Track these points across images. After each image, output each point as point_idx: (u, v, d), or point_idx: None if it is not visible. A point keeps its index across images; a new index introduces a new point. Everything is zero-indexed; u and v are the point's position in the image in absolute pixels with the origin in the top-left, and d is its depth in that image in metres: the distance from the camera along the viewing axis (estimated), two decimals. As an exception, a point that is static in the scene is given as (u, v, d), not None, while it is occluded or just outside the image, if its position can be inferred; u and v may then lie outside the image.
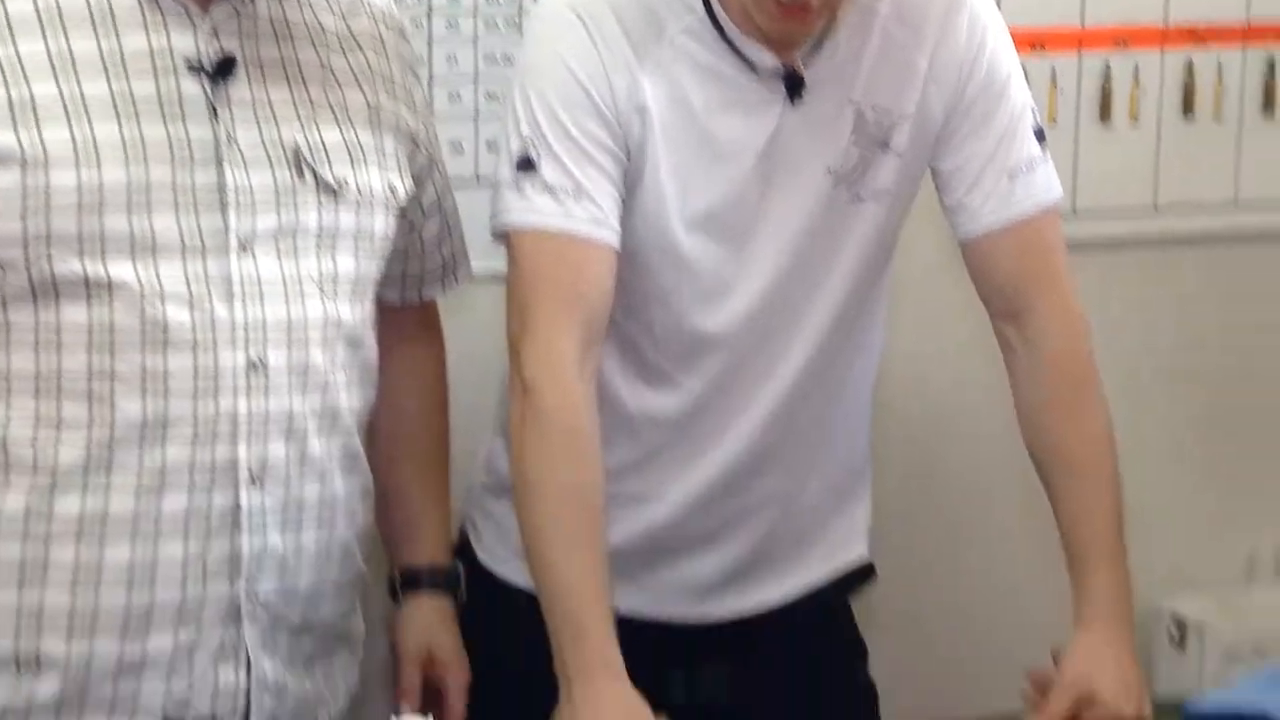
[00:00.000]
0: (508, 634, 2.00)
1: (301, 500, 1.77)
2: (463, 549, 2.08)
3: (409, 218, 1.91)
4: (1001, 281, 1.98)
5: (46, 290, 1.68)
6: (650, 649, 1.80)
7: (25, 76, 1.66)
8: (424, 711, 1.54)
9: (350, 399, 1.82)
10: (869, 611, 2.24)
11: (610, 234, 1.84)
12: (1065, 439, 1.99)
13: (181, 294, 1.70)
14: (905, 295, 2.21)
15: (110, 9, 1.70)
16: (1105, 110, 2.71)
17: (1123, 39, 2.69)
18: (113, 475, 1.70)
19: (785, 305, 1.94)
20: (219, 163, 1.72)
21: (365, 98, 1.83)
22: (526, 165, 1.83)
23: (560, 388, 1.79)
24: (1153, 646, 2.73)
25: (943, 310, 2.57)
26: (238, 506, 1.73)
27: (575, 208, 1.82)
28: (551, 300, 1.81)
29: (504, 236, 1.86)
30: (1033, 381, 1.99)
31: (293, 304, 1.75)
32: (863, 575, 2.11)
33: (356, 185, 1.80)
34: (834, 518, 2.05)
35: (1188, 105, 2.74)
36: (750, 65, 1.86)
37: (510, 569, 2.03)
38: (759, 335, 1.94)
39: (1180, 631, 2.73)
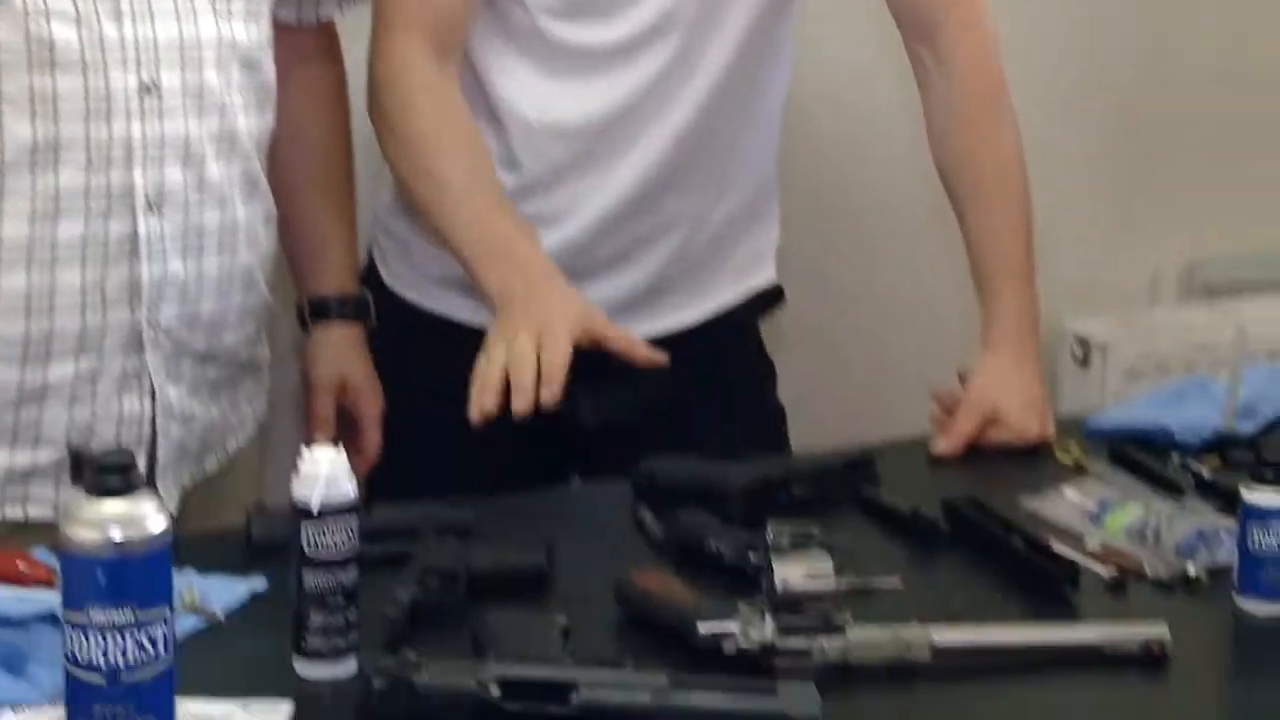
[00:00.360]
0: (417, 358, 2.01)
1: (201, 226, 1.74)
2: (369, 274, 2.07)
3: (303, -69, 1.86)
4: (914, -2, 1.97)
5: (-75, 8, 1.62)
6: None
7: None
8: (337, 441, 1.54)
9: (248, 122, 1.78)
10: (778, 334, 2.26)
11: None
12: (975, 160, 2.00)
13: (67, 11, 1.65)
14: (816, 14, 2.18)
15: None
16: None
17: None
18: (4, 201, 1.66)
19: (695, 20, 1.91)
20: None
21: None
22: None
23: (409, 71, 1.85)
24: (1057, 366, 2.77)
25: (855, 30, 2.54)
26: (135, 234, 1.70)
27: None
28: (400, 18, 1.84)
29: None
30: (944, 102, 1.99)
31: (184, 23, 1.70)
32: (772, 297, 2.12)
33: (246, -105, 1.74)
34: (743, 239, 2.05)
35: None
36: None
37: (417, 293, 2.03)
38: (668, 49, 1.91)
39: (1084, 351, 2.77)
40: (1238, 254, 2.91)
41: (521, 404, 1.71)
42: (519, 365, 1.71)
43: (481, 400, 1.72)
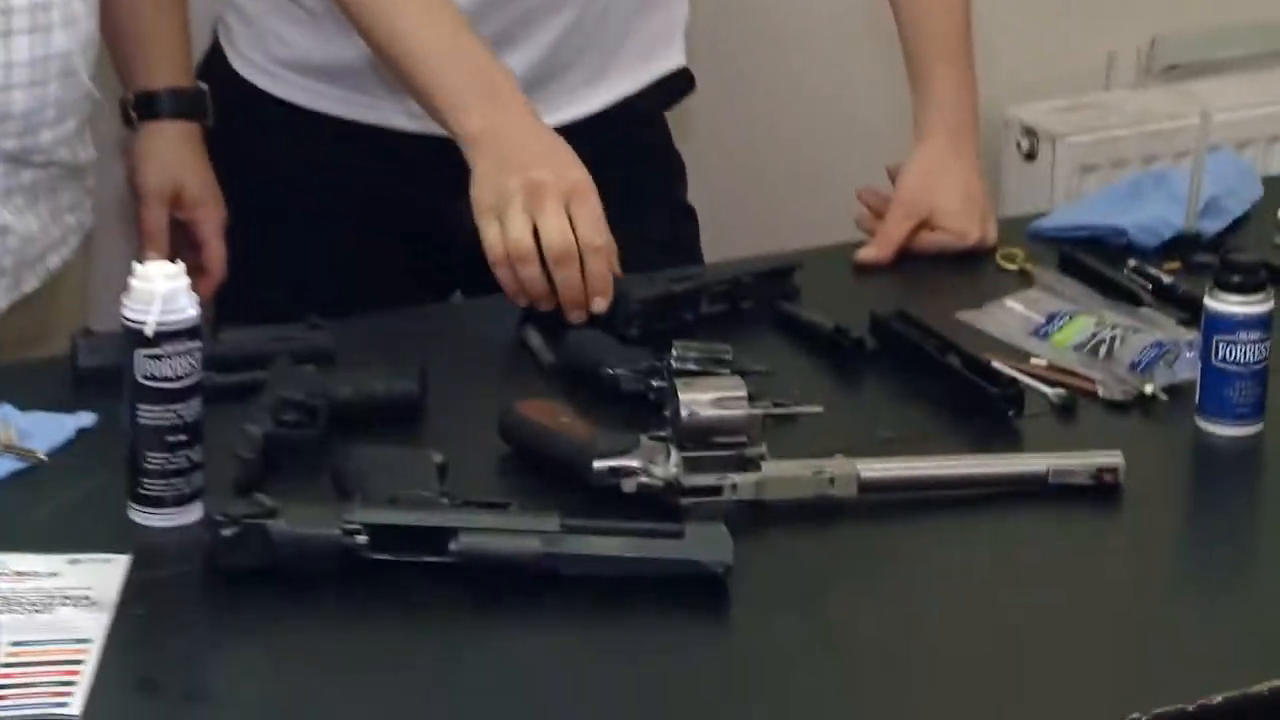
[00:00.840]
0: (270, 151, 1.98)
1: (8, 4, 1.69)
2: (213, 59, 2.03)
3: None
4: None
5: None
6: (447, 170, 1.76)
7: None
8: (174, 257, 1.52)
9: (62, -120, 1.72)
10: (687, 127, 2.23)
11: None
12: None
13: None
14: None
15: None
16: None
17: None
18: None
19: None
20: None
21: None
22: None
23: None
24: (1000, 159, 2.77)
25: None
26: (-71, 14, 1.66)
27: None
28: None
29: None
30: None
31: None
32: (680, 83, 2.09)
33: None
34: (644, 17, 2.01)
35: None
36: None
37: (269, 78, 1.99)
38: None
39: (1031, 142, 2.77)
40: (1203, 29, 2.90)
41: (579, 316, 1.71)
42: (565, 258, 1.69)
43: (541, 306, 1.71)
